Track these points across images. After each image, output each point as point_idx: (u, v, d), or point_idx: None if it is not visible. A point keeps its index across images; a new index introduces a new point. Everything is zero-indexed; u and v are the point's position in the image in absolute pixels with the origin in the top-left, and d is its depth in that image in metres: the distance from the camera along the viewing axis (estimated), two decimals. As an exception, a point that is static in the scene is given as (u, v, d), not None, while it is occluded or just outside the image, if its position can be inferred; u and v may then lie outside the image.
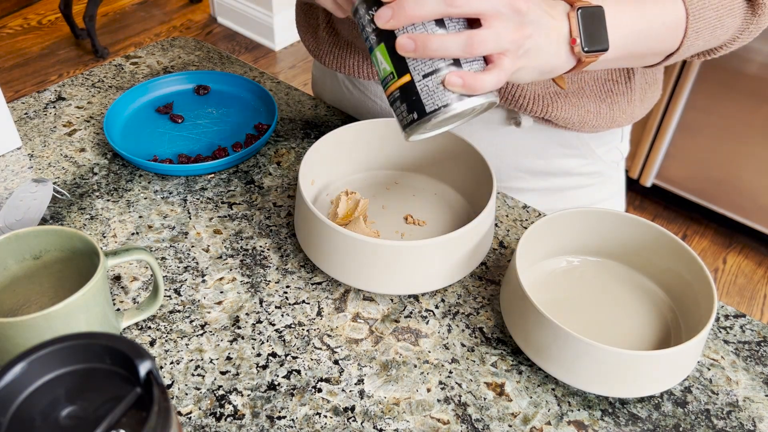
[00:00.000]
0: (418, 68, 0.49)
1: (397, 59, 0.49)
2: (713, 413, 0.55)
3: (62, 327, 0.50)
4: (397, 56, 0.49)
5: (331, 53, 0.80)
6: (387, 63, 0.50)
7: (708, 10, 0.60)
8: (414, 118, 0.50)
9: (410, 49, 0.48)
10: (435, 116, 0.49)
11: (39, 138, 0.81)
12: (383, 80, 0.51)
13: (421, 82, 0.49)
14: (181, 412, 0.54)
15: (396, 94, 0.50)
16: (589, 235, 0.64)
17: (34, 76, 2.53)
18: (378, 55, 0.50)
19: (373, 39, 0.50)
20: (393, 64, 0.49)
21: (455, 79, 0.48)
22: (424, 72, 0.49)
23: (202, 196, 0.74)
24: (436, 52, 0.47)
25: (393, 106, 0.51)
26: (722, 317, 0.63)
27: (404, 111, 0.50)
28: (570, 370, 0.53)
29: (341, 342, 0.59)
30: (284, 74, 2.57)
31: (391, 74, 0.50)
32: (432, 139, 0.72)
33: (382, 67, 0.50)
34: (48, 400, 0.35)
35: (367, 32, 0.50)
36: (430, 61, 0.48)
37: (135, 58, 0.95)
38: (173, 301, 0.62)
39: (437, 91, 0.49)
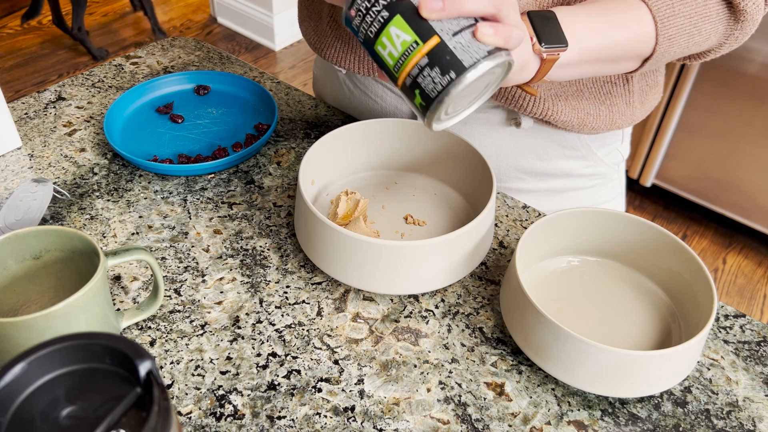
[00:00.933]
0: (445, 28, 0.47)
1: (419, 25, 0.47)
2: (713, 413, 0.55)
3: (62, 327, 0.50)
4: (419, 23, 0.47)
5: (332, 47, 0.79)
6: (408, 32, 0.48)
7: (678, 17, 0.61)
8: (452, 77, 0.47)
9: (438, 8, 0.47)
10: (474, 69, 0.47)
11: (39, 138, 0.81)
12: (400, 58, 0.49)
13: (452, 39, 0.47)
14: (181, 412, 0.54)
15: (423, 62, 0.48)
16: (589, 235, 0.64)
17: (34, 76, 2.53)
18: (393, 31, 0.48)
19: (384, 16, 0.48)
20: (415, 32, 0.47)
21: (487, 29, 0.47)
22: (454, 30, 0.47)
23: (202, 196, 0.74)
24: (467, 8, 0.47)
25: (418, 79, 0.49)
26: (722, 317, 0.63)
27: (437, 76, 0.48)
28: (570, 370, 0.53)
29: (341, 342, 0.59)
30: (284, 74, 2.57)
31: (414, 43, 0.48)
32: (432, 139, 0.72)
33: (400, 40, 0.48)
34: (48, 400, 0.35)
35: (374, 13, 0.49)
36: (456, 20, 0.47)
37: (135, 58, 0.95)
38: (173, 301, 0.62)
39: (471, 45, 0.47)
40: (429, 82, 0.48)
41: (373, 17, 0.49)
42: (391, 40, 0.49)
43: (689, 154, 1.84)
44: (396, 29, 0.48)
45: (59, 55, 2.65)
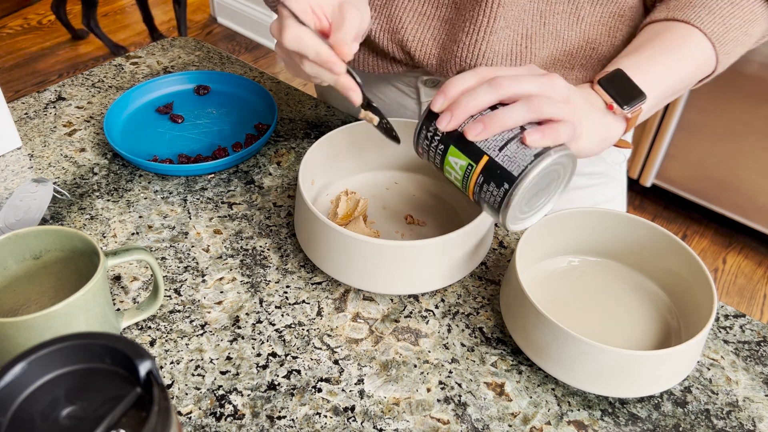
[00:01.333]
0: (491, 146, 0.52)
1: (469, 149, 0.53)
2: (713, 413, 0.55)
3: (62, 327, 0.50)
4: (469, 147, 0.53)
5: None
6: (462, 158, 0.53)
7: (731, 31, 0.63)
8: (507, 189, 0.51)
9: (480, 130, 0.52)
10: (525, 176, 0.51)
11: (39, 138, 0.81)
12: (463, 180, 0.54)
13: (499, 154, 0.52)
14: (181, 412, 0.54)
15: (480, 179, 0.53)
16: (589, 235, 0.64)
17: (34, 76, 2.53)
18: (451, 159, 0.54)
19: (441, 149, 0.54)
20: (468, 156, 0.53)
21: (535, 135, 0.51)
22: (499, 145, 0.52)
23: (202, 196, 0.74)
24: (505, 122, 0.52)
25: (481, 195, 0.54)
26: (722, 317, 0.63)
27: (494, 190, 0.52)
28: (570, 370, 0.53)
29: (341, 342, 0.59)
30: (284, 74, 2.57)
31: (469, 165, 0.53)
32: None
33: (459, 165, 0.54)
34: (48, 400, 0.35)
35: (434, 148, 0.55)
36: (500, 136, 0.52)
37: (135, 58, 0.95)
38: (173, 301, 0.62)
39: (517, 155, 0.51)
40: (490, 196, 0.53)
41: (434, 152, 0.55)
42: (452, 167, 0.54)
43: (689, 154, 1.84)
44: (453, 158, 0.54)
45: (59, 55, 2.66)
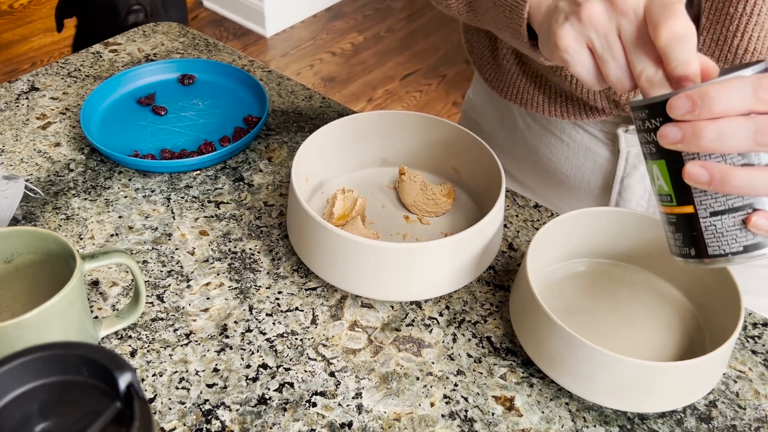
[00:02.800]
0: (705, 202, 0.45)
1: (679, 184, 0.46)
2: (740, 429, 0.55)
3: (36, 336, 0.50)
4: (679, 180, 0.45)
5: (514, 86, 0.74)
6: (665, 182, 0.46)
7: None
8: (690, 254, 0.47)
9: (703, 181, 0.43)
10: (716, 262, 0.46)
11: (10, 132, 0.81)
12: (657, 194, 0.48)
13: (707, 219, 0.45)
14: (165, 428, 0.54)
15: (672, 218, 0.47)
16: (605, 236, 0.64)
17: (5, 65, 2.53)
18: (655, 169, 0.47)
19: (650, 149, 0.47)
20: (673, 188, 0.46)
21: (762, 223, 0.44)
22: (714, 209, 0.45)
23: (186, 195, 0.74)
24: (739, 189, 0.43)
25: (665, 224, 0.49)
26: (750, 325, 0.63)
27: (679, 240, 0.47)
28: (585, 383, 0.53)
29: (337, 352, 0.60)
30: (276, 62, 2.57)
31: (668, 196, 0.47)
32: (436, 133, 0.72)
33: (658, 183, 0.47)
34: (20, 416, 0.35)
35: (644, 137, 0.47)
36: (723, 198, 0.44)
37: (114, 45, 0.96)
38: (156, 308, 0.63)
39: (727, 234, 0.45)
40: (671, 238, 0.48)
41: (645, 140, 0.47)
42: (653, 175, 0.48)
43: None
44: (657, 170, 0.47)
45: (32, 41, 2.66)
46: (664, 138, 0.44)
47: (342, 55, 2.62)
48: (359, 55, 2.63)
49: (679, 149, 0.44)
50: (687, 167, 0.44)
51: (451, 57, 2.62)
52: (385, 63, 2.59)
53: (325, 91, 2.44)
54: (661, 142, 0.44)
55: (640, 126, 0.47)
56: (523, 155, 0.81)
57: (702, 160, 0.44)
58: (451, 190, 0.72)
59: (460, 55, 2.63)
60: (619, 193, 0.73)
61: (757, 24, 0.58)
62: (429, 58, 2.62)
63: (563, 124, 0.75)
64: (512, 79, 0.75)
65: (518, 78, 0.74)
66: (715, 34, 0.61)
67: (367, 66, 2.58)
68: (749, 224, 0.44)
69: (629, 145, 0.71)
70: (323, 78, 2.51)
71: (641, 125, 0.47)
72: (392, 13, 2.86)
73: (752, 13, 0.58)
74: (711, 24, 0.61)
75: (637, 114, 0.47)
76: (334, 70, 2.55)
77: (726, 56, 0.61)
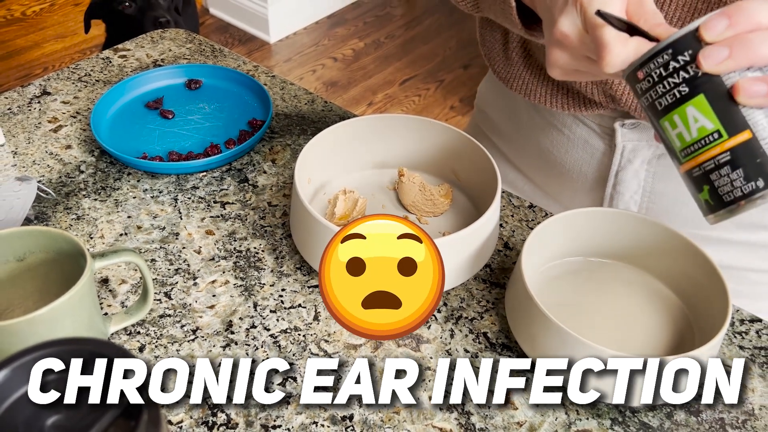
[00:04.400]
0: (761, 122, 0.41)
1: (727, 112, 0.41)
2: (728, 422, 0.55)
3: (47, 332, 0.50)
4: (729, 109, 0.41)
5: (520, 78, 0.74)
6: (710, 118, 0.41)
7: None
8: (757, 187, 0.41)
9: (762, 94, 0.39)
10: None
11: (23, 134, 0.81)
12: (693, 144, 0.43)
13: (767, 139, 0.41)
14: (172, 421, 0.54)
15: (723, 158, 0.42)
16: (599, 236, 0.64)
17: (18, 70, 2.53)
18: (690, 111, 0.42)
19: (682, 92, 0.42)
20: (720, 120, 0.41)
21: None
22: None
23: (193, 195, 0.74)
24: None
25: (709, 175, 0.43)
26: (737, 321, 0.63)
27: (738, 180, 0.42)
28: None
29: (339, 348, 0.59)
30: (279, 68, 2.57)
31: (716, 133, 0.42)
32: (434, 136, 0.72)
33: (698, 125, 0.42)
34: (32, 410, 0.34)
35: (666, 86, 0.43)
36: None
37: (123, 51, 0.95)
38: (163, 305, 0.62)
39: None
40: (725, 183, 0.42)
41: (668, 89, 0.43)
42: (686, 122, 0.43)
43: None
44: (695, 110, 0.42)
45: (44, 47, 2.65)
46: (709, 59, 0.40)
47: (343, 61, 2.62)
48: (360, 61, 2.63)
49: (723, 69, 0.40)
50: (741, 84, 0.40)
51: (448, 62, 2.62)
52: (384, 68, 2.59)
53: (327, 95, 2.44)
54: (705, 64, 0.40)
55: (660, 74, 0.43)
56: (526, 146, 0.81)
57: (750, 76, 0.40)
58: (448, 191, 0.72)
59: (457, 61, 2.63)
60: (614, 186, 0.73)
61: None
62: (427, 63, 2.62)
63: (564, 117, 0.75)
64: (518, 71, 0.75)
65: (523, 70, 0.74)
66: None
67: (368, 71, 2.58)
68: None
69: (625, 140, 0.70)
70: (325, 83, 2.51)
71: (663, 73, 0.43)
72: (392, 20, 2.86)
73: None
74: None
75: (654, 63, 0.43)
76: (335, 75, 2.55)
77: None
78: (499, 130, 0.85)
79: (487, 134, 0.86)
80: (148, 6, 1.87)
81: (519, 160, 0.83)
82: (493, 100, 0.85)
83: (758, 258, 0.73)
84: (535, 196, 0.82)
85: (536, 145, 0.79)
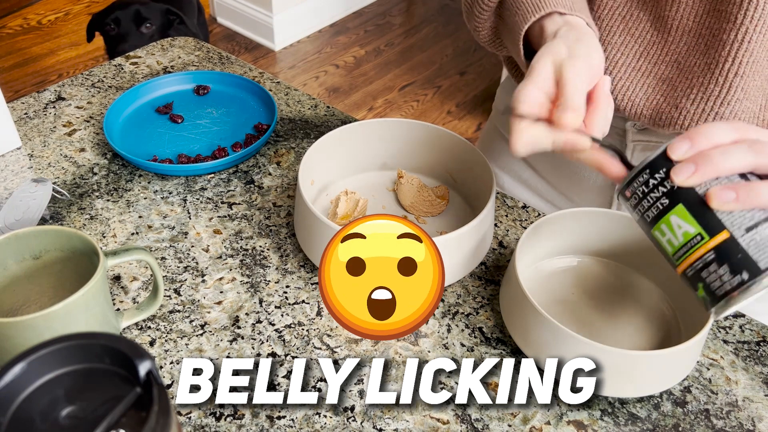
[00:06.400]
0: (736, 223, 0.43)
1: (705, 217, 0.44)
2: (712, 413, 0.55)
3: (62, 327, 0.50)
4: (705, 214, 0.44)
5: None
6: (691, 224, 0.44)
7: None
8: (744, 279, 0.43)
9: (731, 199, 0.43)
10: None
11: (39, 138, 0.81)
12: (681, 248, 0.46)
13: (745, 236, 0.43)
14: (181, 412, 0.54)
15: (708, 257, 0.44)
16: (589, 235, 0.64)
17: (34, 76, 2.53)
18: (674, 220, 0.45)
19: (664, 204, 0.45)
20: (700, 224, 0.44)
21: None
22: (747, 224, 0.43)
23: (201, 196, 0.74)
24: (763, 197, 0.43)
25: (701, 274, 0.45)
26: (721, 317, 0.63)
27: (726, 274, 0.44)
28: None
29: (341, 342, 0.59)
30: (284, 74, 2.57)
31: (698, 236, 0.44)
32: (432, 139, 0.71)
33: (681, 231, 0.45)
34: (48, 400, 0.34)
35: (652, 199, 0.46)
36: (750, 212, 0.43)
37: (135, 58, 0.95)
38: (173, 300, 0.62)
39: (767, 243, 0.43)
40: (715, 279, 0.45)
41: (651, 202, 0.46)
42: (672, 229, 0.46)
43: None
44: (678, 219, 0.45)
45: (59, 55, 2.65)
46: (680, 174, 0.44)
47: (345, 68, 2.62)
48: (361, 68, 2.62)
49: (693, 182, 0.44)
50: (712, 191, 0.43)
51: (445, 69, 2.62)
52: (384, 75, 2.59)
53: (329, 100, 2.44)
54: (676, 179, 0.44)
55: (644, 191, 0.47)
56: None
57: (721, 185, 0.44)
58: (445, 192, 0.72)
59: (453, 67, 2.62)
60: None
61: (747, 50, 0.58)
62: (425, 70, 2.62)
63: None
64: None
65: None
66: (708, 59, 0.60)
67: (368, 77, 2.58)
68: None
69: (635, 140, 0.70)
70: (327, 88, 2.51)
71: (645, 189, 0.46)
72: (391, 29, 2.85)
73: (743, 41, 0.58)
74: (705, 49, 0.61)
75: (637, 183, 0.47)
76: (337, 81, 2.55)
77: (717, 79, 0.60)
78: None
79: (504, 135, 0.86)
80: (129, 34, 1.90)
81: (534, 160, 0.83)
82: (508, 102, 0.85)
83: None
84: (549, 194, 0.82)
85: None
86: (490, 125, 0.92)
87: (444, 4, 2.99)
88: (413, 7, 3.00)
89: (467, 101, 2.45)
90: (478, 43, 2.91)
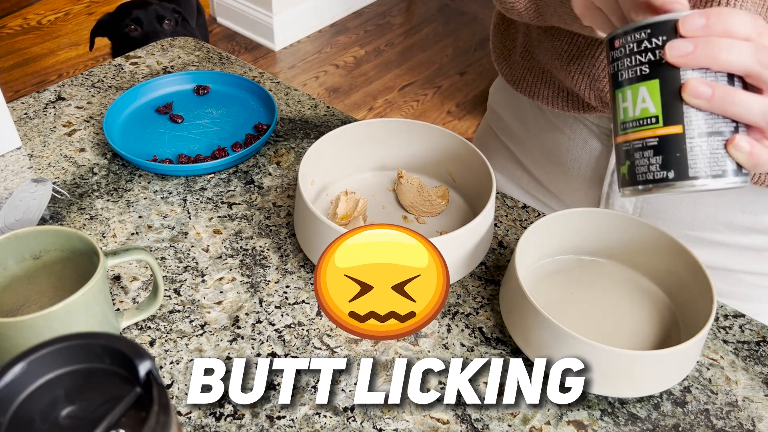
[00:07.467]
0: (696, 123, 0.42)
1: (670, 104, 0.42)
2: (712, 413, 0.55)
3: (62, 327, 0.50)
4: (673, 101, 0.42)
5: (524, 79, 0.75)
6: (653, 103, 0.43)
7: None
8: (667, 177, 0.43)
9: (705, 97, 0.41)
10: (694, 184, 0.42)
11: (39, 138, 0.81)
12: (631, 121, 0.44)
13: (694, 140, 0.42)
14: (181, 412, 0.54)
15: (651, 142, 0.43)
16: (589, 235, 0.64)
17: (34, 76, 2.53)
18: (641, 91, 0.43)
19: (641, 70, 0.43)
20: (662, 108, 0.43)
21: (744, 145, 0.42)
22: (702, 130, 0.42)
23: (201, 196, 0.74)
24: (736, 109, 0.41)
25: (632, 153, 0.44)
26: (721, 317, 0.63)
27: (654, 165, 0.43)
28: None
29: (341, 342, 0.59)
30: (284, 74, 2.57)
31: (654, 118, 0.43)
32: (432, 139, 0.72)
33: (641, 106, 0.43)
34: (48, 400, 0.34)
35: (632, 61, 0.44)
36: (712, 119, 0.42)
37: (135, 58, 0.95)
38: (173, 301, 0.62)
39: (712, 156, 0.42)
40: (644, 165, 0.44)
41: (632, 64, 0.44)
42: (635, 99, 0.44)
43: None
44: (645, 92, 0.43)
45: (59, 55, 2.65)
46: (674, 50, 0.41)
47: (345, 68, 2.62)
48: (361, 68, 2.62)
49: (683, 63, 0.42)
50: (690, 83, 0.41)
51: (445, 69, 2.62)
52: (384, 75, 2.59)
53: (329, 100, 2.44)
54: (669, 55, 0.42)
55: (632, 49, 0.44)
56: (532, 145, 0.81)
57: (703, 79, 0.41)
58: (445, 192, 0.72)
59: (453, 68, 2.62)
60: (610, 185, 0.73)
61: None
62: (425, 70, 2.62)
63: (566, 117, 0.75)
64: (523, 73, 0.76)
65: (527, 73, 0.75)
66: None
67: (368, 77, 2.58)
68: (731, 144, 0.42)
69: None
70: (327, 89, 2.51)
71: (634, 48, 0.44)
72: (391, 29, 2.85)
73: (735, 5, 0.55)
74: None
75: (630, 37, 0.44)
76: (337, 82, 2.55)
77: None
78: (508, 130, 0.85)
79: (497, 133, 0.87)
80: (153, 33, 1.86)
81: (525, 158, 0.83)
82: (503, 100, 0.86)
83: (752, 260, 0.72)
84: (539, 193, 0.82)
85: (540, 145, 0.80)
86: (484, 124, 0.92)
87: (444, 4, 2.99)
88: (413, 7, 3.00)
89: (467, 101, 2.45)
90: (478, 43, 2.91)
